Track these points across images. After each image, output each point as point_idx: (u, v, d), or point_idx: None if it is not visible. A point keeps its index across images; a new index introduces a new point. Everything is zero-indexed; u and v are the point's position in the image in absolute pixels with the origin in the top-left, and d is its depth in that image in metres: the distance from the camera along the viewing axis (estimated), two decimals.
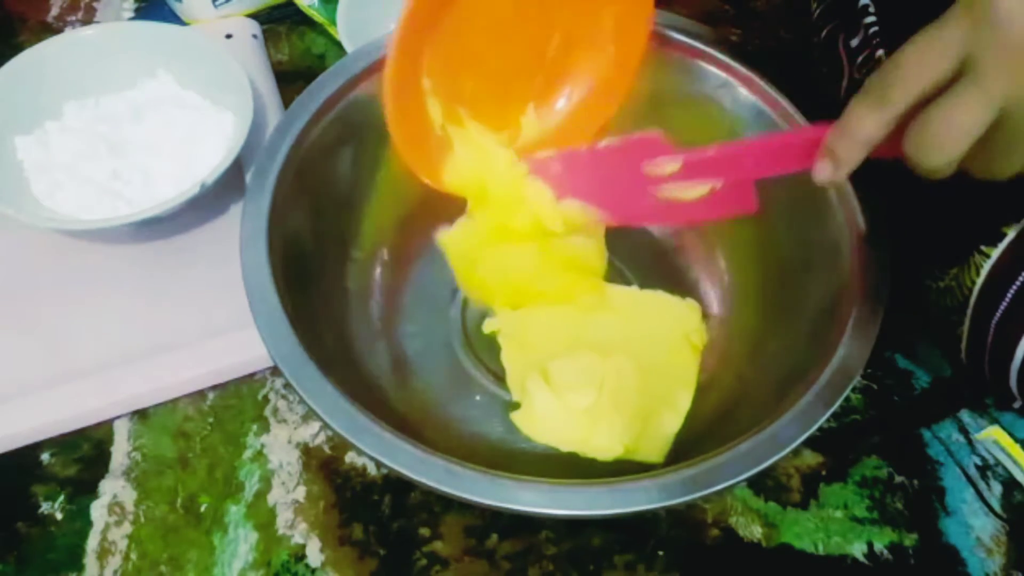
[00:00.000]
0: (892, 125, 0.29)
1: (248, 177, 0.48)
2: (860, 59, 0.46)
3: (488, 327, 0.44)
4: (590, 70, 0.44)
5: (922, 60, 0.28)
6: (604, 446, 0.39)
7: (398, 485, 0.42)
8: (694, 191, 0.39)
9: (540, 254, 0.45)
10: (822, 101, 0.44)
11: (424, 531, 0.41)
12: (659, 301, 0.45)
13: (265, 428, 0.44)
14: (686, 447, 0.40)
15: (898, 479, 0.43)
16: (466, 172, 0.43)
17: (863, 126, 0.29)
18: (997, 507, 0.42)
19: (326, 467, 0.43)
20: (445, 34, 0.39)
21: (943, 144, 0.28)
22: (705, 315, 0.45)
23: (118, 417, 0.44)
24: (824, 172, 0.32)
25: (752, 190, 0.38)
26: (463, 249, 0.45)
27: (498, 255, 0.44)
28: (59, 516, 0.41)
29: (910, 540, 0.41)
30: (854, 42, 0.46)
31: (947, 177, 0.29)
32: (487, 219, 0.44)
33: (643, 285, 0.46)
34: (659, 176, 0.39)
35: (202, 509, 0.42)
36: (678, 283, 0.46)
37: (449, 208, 0.49)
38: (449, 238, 0.45)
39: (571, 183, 0.43)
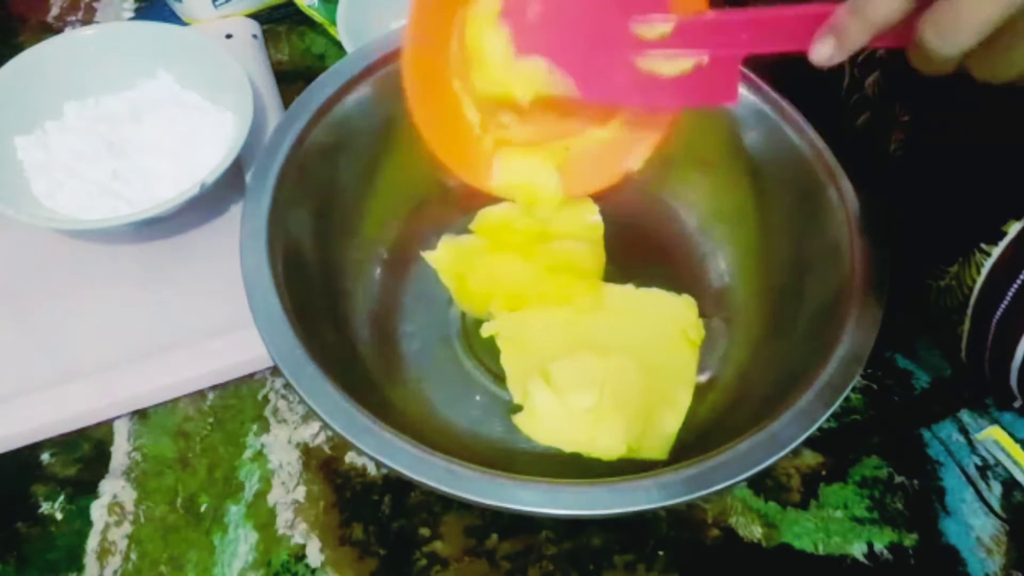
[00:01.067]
0: (911, 6, 0.28)
1: (248, 177, 0.48)
2: (860, 59, 0.46)
3: (487, 330, 0.44)
4: None
5: None
6: (607, 445, 0.39)
7: (398, 485, 0.42)
8: (678, 64, 0.36)
9: (533, 259, 0.45)
10: (822, 101, 0.44)
11: (424, 531, 0.41)
12: (655, 298, 0.45)
13: (265, 428, 0.44)
14: (686, 447, 0.40)
15: (898, 479, 0.43)
16: (514, 177, 0.42)
17: (879, 5, 0.28)
18: (997, 507, 0.42)
19: (326, 467, 0.43)
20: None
21: (962, 28, 0.26)
22: (705, 314, 0.45)
23: (118, 417, 0.44)
24: (824, 50, 0.30)
25: (736, 76, 0.36)
26: (452, 265, 0.45)
27: (489, 265, 0.45)
28: (59, 516, 0.41)
29: (910, 540, 0.41)
30: None
31: (946, 74, 0.28)
32: (489, 236, 0.44)
33: (642, 285, 0.46)
34: (645, 39, 0.36)
35: (202, 509, 0.42)
36: (678, 283, 0.46)
37: (449, 208, 0.49)
38: (436, 257, 0.45)
39: (546, 31, 0.39)
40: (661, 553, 0.40)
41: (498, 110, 0.41)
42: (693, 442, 0.40)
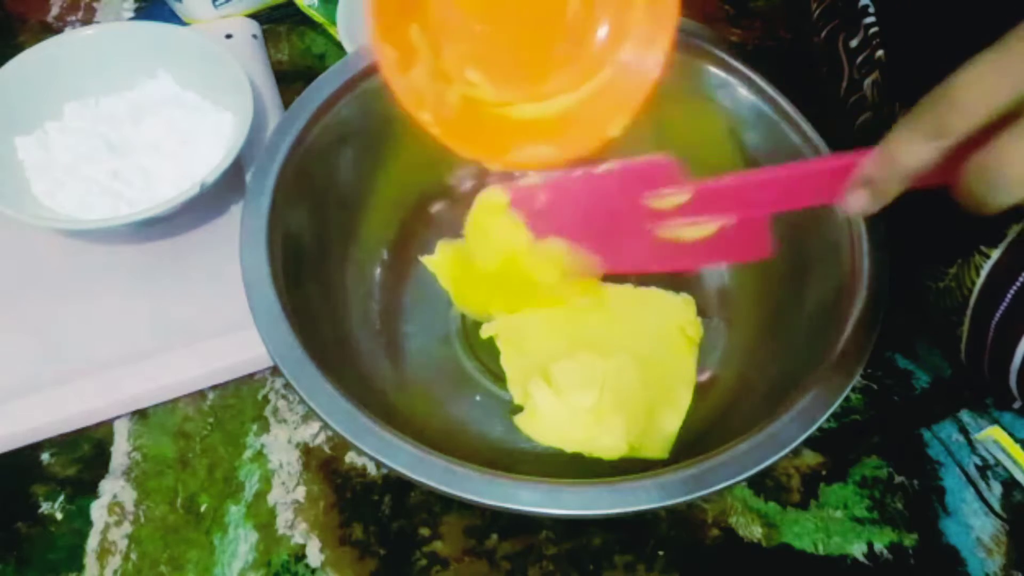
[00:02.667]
0: (944, 156, 0.27)
1: (248, 177, 0.48)
2: (860, 59, 0.46)
3: (486, 332, 0.44)
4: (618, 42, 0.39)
5: (985, 87, 0.25)
6: (608, 445, 0.39)
7: (398, 485, 0.42)
8: (700, 230, 0.35)
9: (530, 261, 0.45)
10: (822, 101, 0.44)
11: (424, 531, 0.41)
12: (654, 297, 0.45)
13: (265, 428, 0.44)
14: (686, 446, 0.40)
15: (898, 479, 0.43)
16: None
17: (912, 155, 0.27)
18: (997, 507, 0.42)
19: (326, 467, 0.43)
20: None
21: (1011, 185, 0.26)
22: (704, 314, 0.45)
23: (118, 417, 0.44)
24: (859, 203, 0.30)
25: (767, 230, 0.35)
26: (450, 269, 0.45)
27: (488, 268, 0.45)
28: (59, 516, 0.41)
29: (910, 540, 0.41)
30: (854, 42, 0.46)
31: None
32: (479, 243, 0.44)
33: (640, 284, 0.46)
34: (662, 210, 0.35)
35: (202, 509, 0.42)
36: (677, 283, 0.46)
37: (449, 208, 0.49)
38: (435, 262, 0.45)
39: (558, 217, 0.39)
40: (661, 553, 0.40)
41: (464, 66, 0.38)
42: (693, 442, 0.40)
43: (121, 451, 0.43)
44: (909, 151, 0.27)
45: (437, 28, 0.36)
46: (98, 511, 0.41)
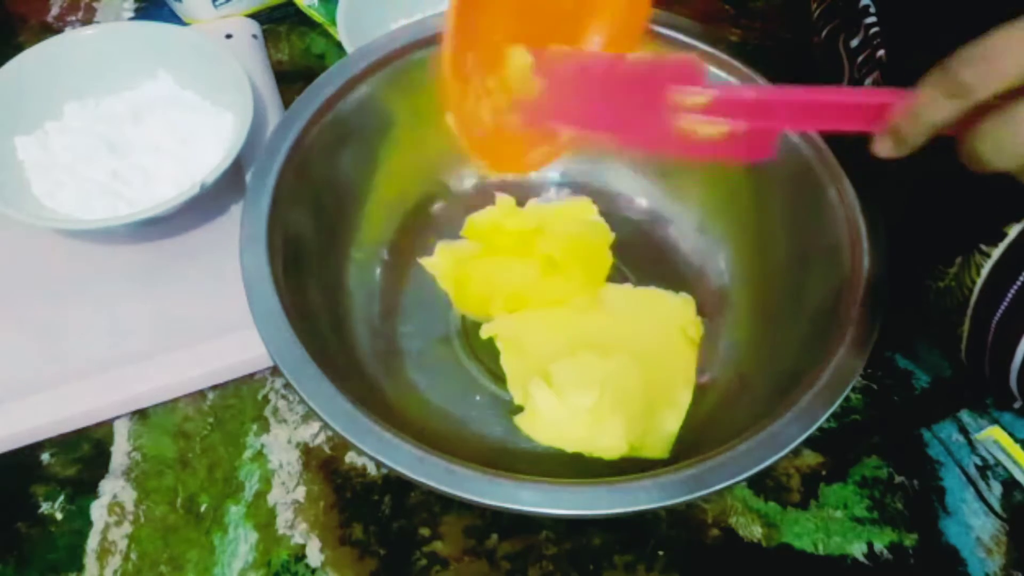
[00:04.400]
0: (967, 113, 0.28)
1: (248, 177, 0.48)
2: (860, 59, 0.46)
3: (486, 332, 0.44)
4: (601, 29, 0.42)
5: (1015, 50, 0.26)
6: (609, 445, 0.39)
7: (398, 485, 0.42)
8: (715, 128, 0.36)
9: (530, 260, 0.45)
10: None
11: (424, 531, 0.41)
12: (653, 297, 0.45)
13: (265, 428, 0.44)
14: (686, 446, 0.40)
15: (898, 479, 0.43)
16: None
17: (936, 111, 0.28)
18: (997, 507, 0.42)
19: (326, 467, 0.43)
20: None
21: (1016, 152, 0.27)
22: (704, 313, 0.45)
23: (118, 417, 0.44)
24: (885, 149, 0.31)
25: (774, 139, 0.36)
26: (450, 270, 0.45)
27: (486, 269, 0.45)
28: (59, 516, 0.41)
29: (910, 540, 0.41)
30: (854, 42, 0.46)
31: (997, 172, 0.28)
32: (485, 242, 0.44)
33: (640, 284, 0.46)
34: (682, 105, 0.36)
35: (202, 509, 0.42)
36: (677, 282, 0.46)
37: (450, 208, 0.49)
38: (434, 264, 0.45)
39: (580, 87, 0.39)
40: (661, 553, 0.40)
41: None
42: (693, 442, 0.40)
43: (121, 451, 0.43)
44: (934, 107, 0.28)
45: (485, 53, 0.37)
46: (98, 511, 0.41)
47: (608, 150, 0.50)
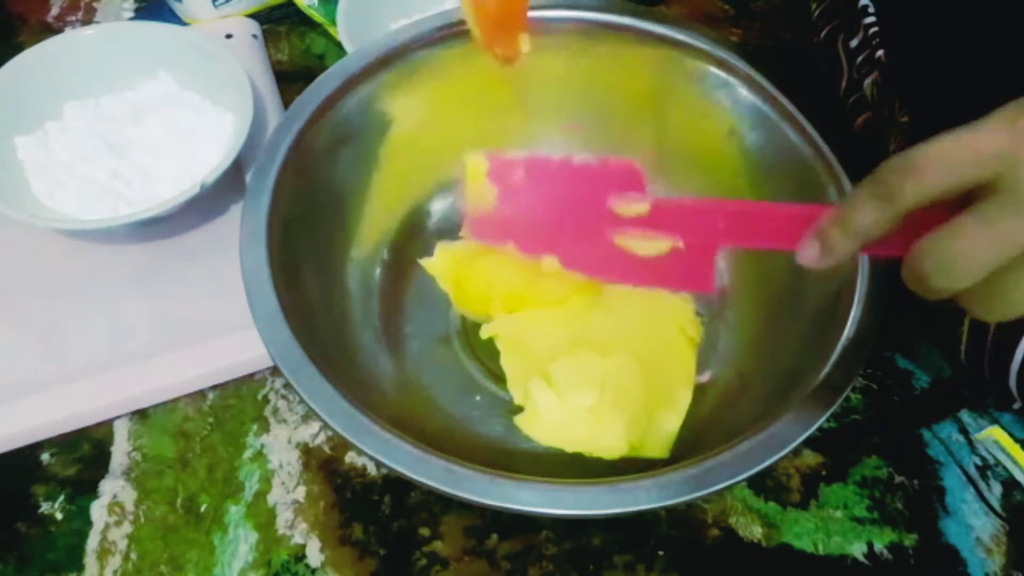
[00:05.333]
0: (894, 223, 0.27)
1: (248, 177, 0.48)
2: (860, 59, 0.46)
3: (486, 332, 0.44)
4: None
5: (947, 162, 0.25)
6: (609, 445, 0.39)
7: (398, 485, 0.42)
8: (654, 245, 0.36)
9: (530, 263, 0.45)
10: (822, 101, 0.44)
11: (424, 531, 0.41)
12: (653, 297, 0.45)
13: (265, 428, 0.44)
14: (686, 446, 0.40)
15: (898, 479, 0.43)
16: None
17: (863, 216, 0.27)
18: (997, 507, 0.42)
19: (326, 467, 0.43)
20: None
21: (959, 270, 0.25)
22: (704, 314, 0.45)
23: (118, 417, 0.44)
24: (809, 255, 0.29)
25: (712, 266, 0.36)
26: (449, 271, 0.45)
27: (485, 269, 0.45)
28: (59, 516, 0.41)
29: (910, 540, 0.41)
30: (854, 42, 0.46)
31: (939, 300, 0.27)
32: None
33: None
34: (622, 216, 0.37)
35: (202, 509, 0.42)
36: None
37: (450, 208, 0.49)
38: (434, 264, 0.45)
39: (528, 196, 0.40)
40: (661, 553, 0.40)
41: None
42: (693, 442, 0.40)
43: (121, 451, 0.43)
44: (860, 212, 0.27)
45: None
46: (98, 511, 0.41)
47: (608, 153, 0.50)
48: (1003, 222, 0.24)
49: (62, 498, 0.42)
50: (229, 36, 0.58)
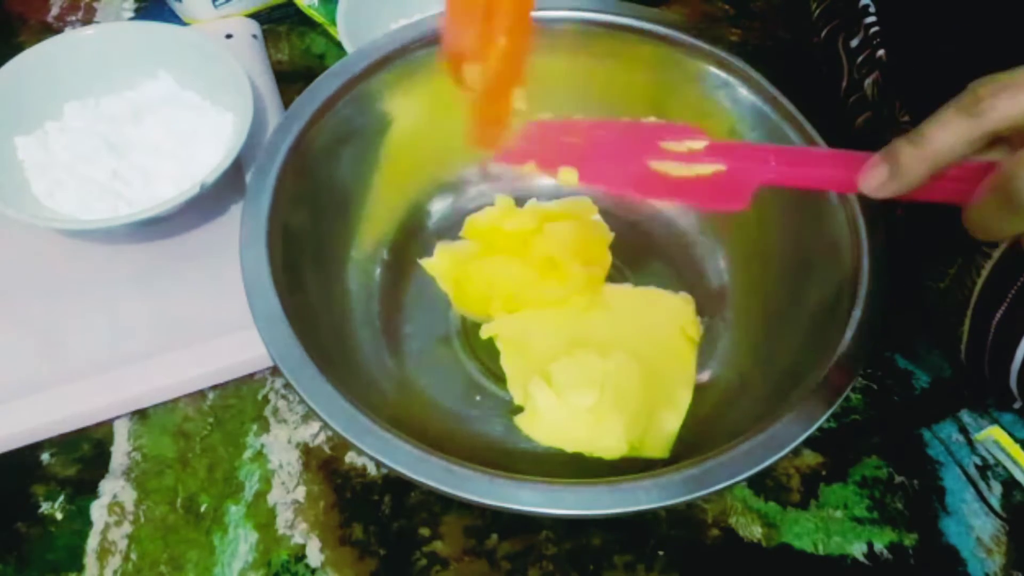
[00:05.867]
0: (977, 146, 0.25)
1: (248, 177, 0.48)
2: (860, 59, 0.46)
3: (486, 332, 0.44)
4: None
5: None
6: (609, 445, 0.39)
7: (398, 485, 0.42)
8: (692, 169, 0.35)
9: (529, 260, 0.45)
10: (822, 101, 0.44)
11: (424, 531, 0.41)
12: (653, 297, 0.45)
13: (265, 428, 0.44)
14: (686, 446, 0.40)
15: (898, 479, 0.43)
16: None
17: (945, 132, 0.26)
18: (997, 507, 0.42)
19: (326, 467, 0.43)
20: None
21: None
22: (704, 313, 0.45)
23: (118, 417, 0.44)
24: (875, 178, 0.28)
25: (751, 189, 0.35)
26: (449, 271, 0.45)
27: (485, 269, 0.45)
28: (59, 516, 0.41)
29: (910, 540, 0.41)
30: (854, 42, 0.46)
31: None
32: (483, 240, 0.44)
33: (640, 284, 0.46)
34: (668, 151, 0.35)
35: (202, 509, 0.42)
36: (677, 282, 0.46)
37: (450, 208, 0.49)
38: (434, 264, 0.45)
39: (560, 134, 0.38)
40: (661, 553, 0.40)
41: None
42: (693, 442, 0.40)
43: (121, 451, 0.43)
44: (945, 127, 0.26)
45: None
46: (98, 511, 0.41)
47: None
48: None
49: (62, 498, 0.42)
50: (229, 36, 0.58)
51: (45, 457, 0.43)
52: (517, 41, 0.35)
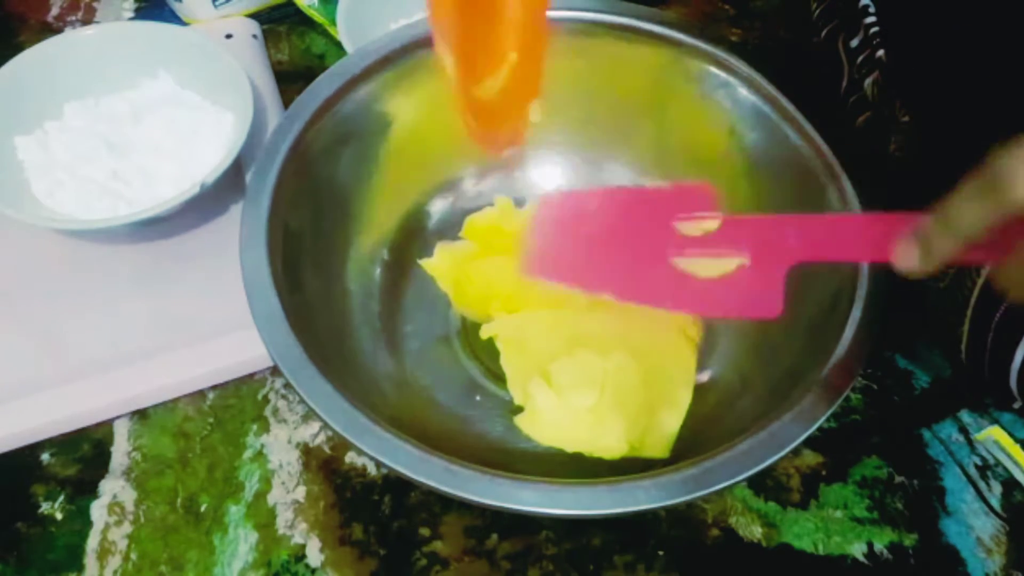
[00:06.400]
0: (1003, 221, 0.25)
1: (248, 177, 0.48)
2: (860, 59, 0.46)
3: (486, 332, 0.44)
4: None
5: None
6: (609, 445, 0.39)
7: (398, 485, 0.42)
8: (717, 266, 0.34)
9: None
10: (822, 101, 0.44)
11: (424, 531, 0.41)
12: None
13: (265, 428, 0.44)
14: (686, 446, 0.40)
15: (898, 479, 0.43)
16: None
17: (969, 212, 0.25)
18: (997, 507, 0.42)
19: (326, 467, 0.43)
20: None
21: None
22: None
23: (118, 417, 0.44)
24: (909, 260, 0.28)
25: (781, 286, 0.34)
26: (449, 271, 0.45)
27: (485, 270, 0.45)
28: (59, 516, 0.41)
29: (910, 540, 0.41)
30: (854, 42, 0.46)
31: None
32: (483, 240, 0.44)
33: None
34: (687, 238, 0.34)
35: (202, 509, 0.42)
36: None
37: (451, 208, 0.49)
38: (434, 265, 0.45)
39: (582, 226, 0.38)
40: (661, 553, 0.40)
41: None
42: (693, 442, 0.40)
43: (121, 451, 0.43)
44: (968, 207, 0.26)
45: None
46: (98, 511, 0.41)
47: (608, 153, 0.50)
48: None
49: (62, 498, 0.42)
50: (229, 36, 0.58)
51: (45, 457, 0.43)
52: (531, 51, 0.33)
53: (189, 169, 0.49)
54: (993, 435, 0.43)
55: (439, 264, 0.46)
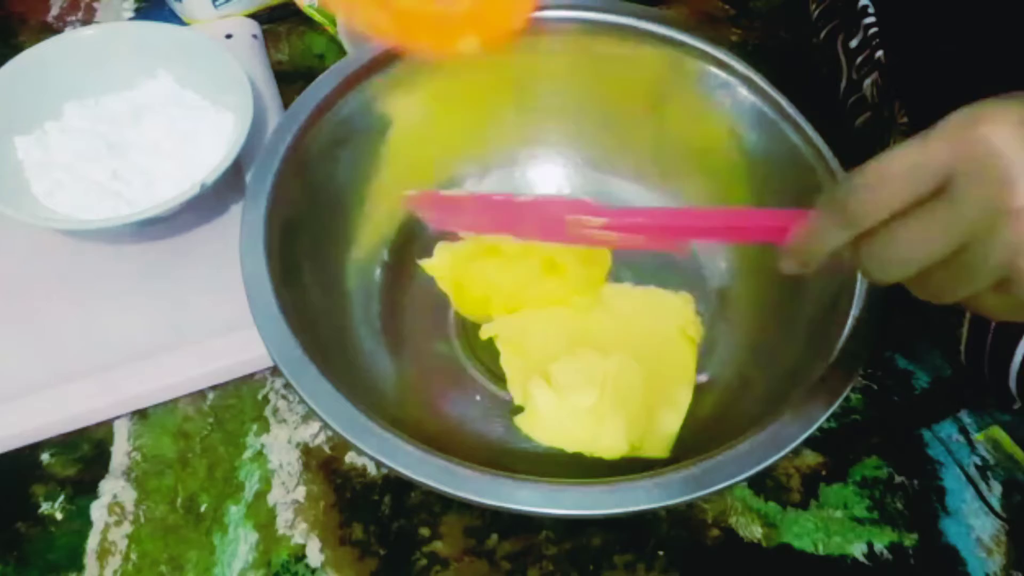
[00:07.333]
0: (854, 238, 0.28)
1: (248, 177, 0.48)
2: (860, 59, 0.46)
3: (486, 332, 0.44)
4: None
5: (896, 183, 0.26)
6: (609, 445, 0.39)
7: (398, 485, 0.42)
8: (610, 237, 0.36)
9: (529, 261, 0.45)
10: (822, 101, 0.44)
11: (424, 531, 0.41)
12: (653, 296, 0.45)
13: (265, 428, 0.44)
14: (686, 446, 0.40)
15: (898, 479, 0.43)
16: None
17: (826, 239, 0.29)
18: (997, 507, 0.42)
19: (326, 467, 0.43)
20: None
21: (904, 263, 0.27)
22: (704, 313, 0.45)
23: (118, 417, 0.44)
24: (791, 269, 0.31)
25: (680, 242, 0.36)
26: (449, 271, 0.45)
27: (485, 270, 0.45)
28: (59, 516, 0.41)
29: (910, 540, 0.41)
30: (853, 42, 0.46)
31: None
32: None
33: (641, 284, 0.46)
34: (580, 224, 0.36)
35: (202, 509, 0.42)
36: (677, 282, 0.46)
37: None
38: (433, 265, 0.45)
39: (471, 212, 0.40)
40: (661, 553, 0.40)
41: None
42: (693, 442, 0.40)
43: (121, 451, 0.43)
44: (824, 235, 0.29)
45: None
46: (98, 511, 0.41)
47: (608, 153, 0.50)
48: (940, 220, 0.26)
49: (62, 498, 0.42)
50: (229, 36, 0.58)
51: (45, 457, 0.43)
52: None
53: (189, 169, 0.49)
54: (993, 435, 0.43)
55: (439, 265, 0.46)
